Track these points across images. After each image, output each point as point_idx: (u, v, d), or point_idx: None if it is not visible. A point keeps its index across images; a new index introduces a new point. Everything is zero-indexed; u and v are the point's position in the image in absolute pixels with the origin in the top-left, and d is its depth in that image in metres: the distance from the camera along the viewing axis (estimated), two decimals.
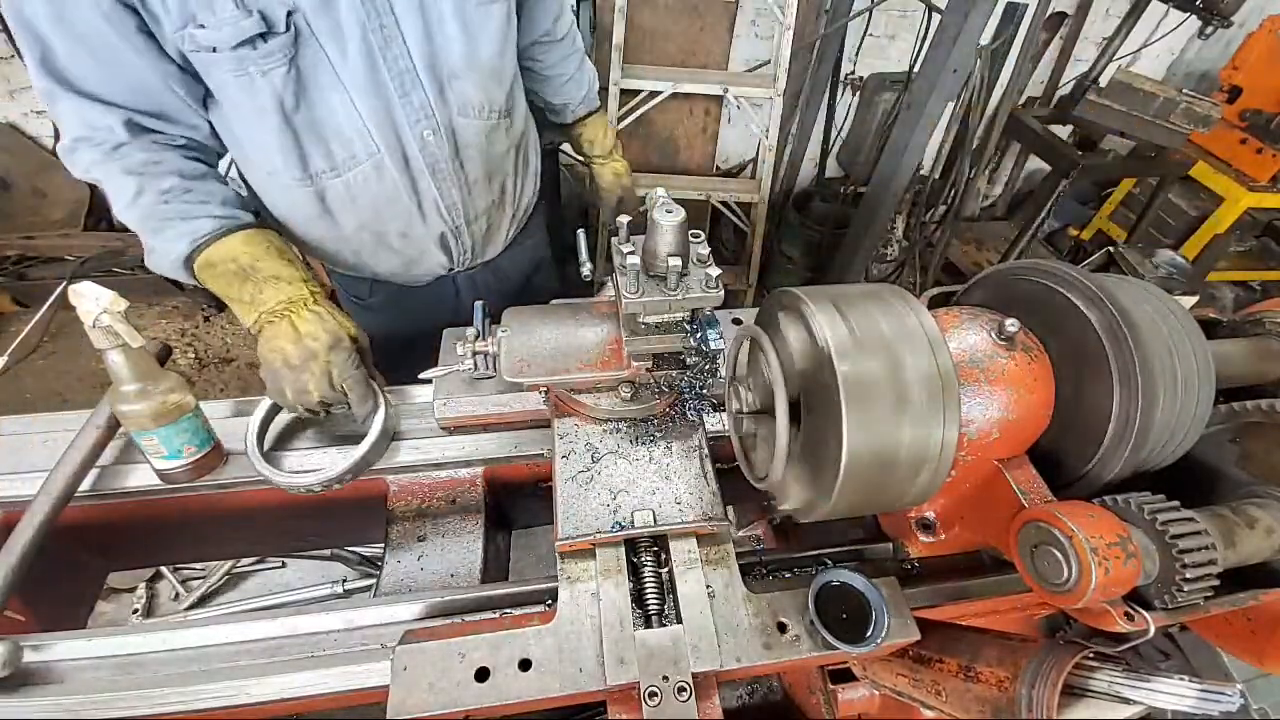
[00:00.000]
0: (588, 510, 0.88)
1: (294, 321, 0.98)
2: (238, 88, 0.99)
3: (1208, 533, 0.65)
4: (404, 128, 1.12)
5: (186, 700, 0.77)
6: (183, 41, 0.93)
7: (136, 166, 0.98)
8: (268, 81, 0.98)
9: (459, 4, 1.06)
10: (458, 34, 1.09)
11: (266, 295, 0.98)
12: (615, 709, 0.75)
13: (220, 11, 0.90)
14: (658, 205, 0.83)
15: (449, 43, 1.09)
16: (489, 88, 1.20)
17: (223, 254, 1.00)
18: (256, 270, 0.99)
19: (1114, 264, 3.21)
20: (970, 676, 0.76)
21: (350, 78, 1.03)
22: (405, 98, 1.09)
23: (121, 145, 0.97)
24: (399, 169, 1.16)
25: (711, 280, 0.86)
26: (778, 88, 3.04)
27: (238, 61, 0.95)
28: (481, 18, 1.11)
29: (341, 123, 1.08)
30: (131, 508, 1.03)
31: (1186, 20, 3.84)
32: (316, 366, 0.97)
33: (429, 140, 1.16)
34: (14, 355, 3.17)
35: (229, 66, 0.96)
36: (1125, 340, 0.70)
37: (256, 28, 0.93)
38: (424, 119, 1.13)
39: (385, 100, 1.08)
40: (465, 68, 1.13)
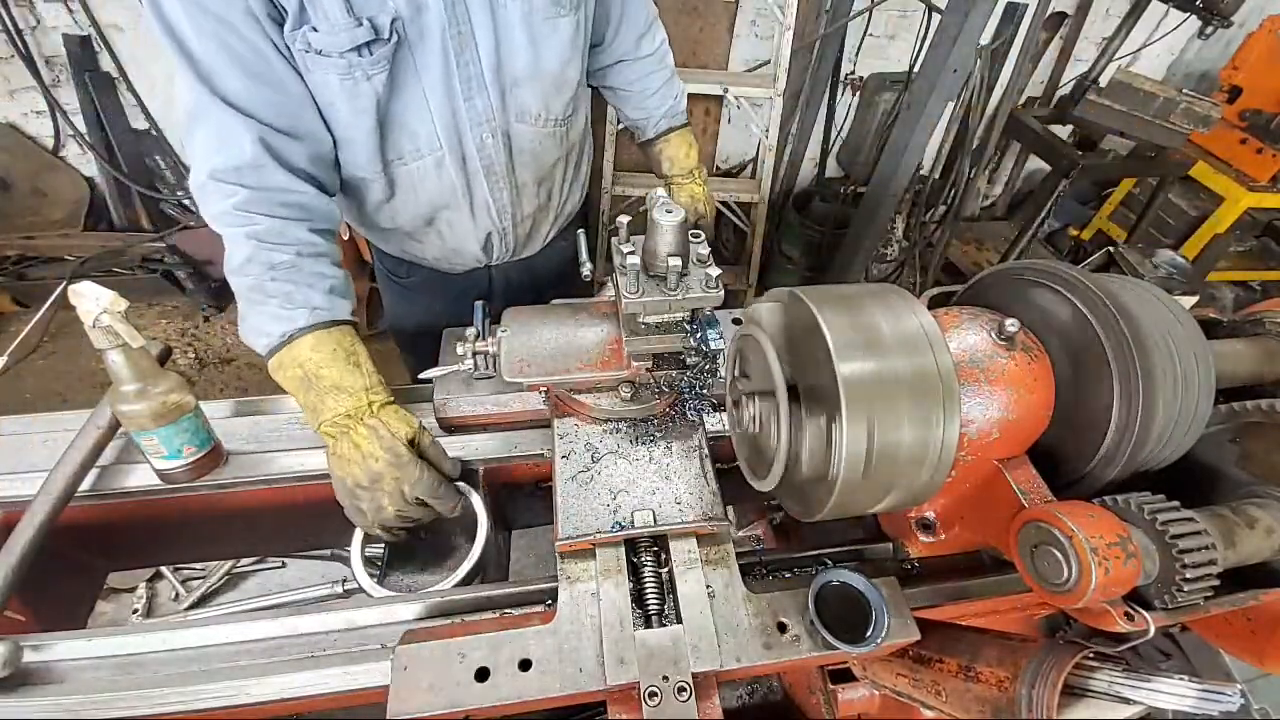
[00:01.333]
0: (588, 510, 0.88)
1: (354, 439, 0.93)
2: (342, 90, 1.02)
3: (1208, 533, 0.65)
4: (465, 130, 1.16)
5: (186, 700, 0.77)
6: (295, 41, 0.96)
7: (259, 234, 0.96)
8: (371, 85, 1.02)
9: (526, 15, 1.09)
10: (524, 43, 1.12)
11: (326, 406, 0.94)
12: (615, 709, 0.75)
13: (333, 18, 0.94)
14: (658, 205, 0.83)
15: (515, 51, 1.12)
16: (549, 97, 1.23)
17: (291, 358, 0.95)
18: (320, 379, 0.94)
19: (1114, 264, 3.21)
20: (970, 676, 0.76)
21: (427, 79, 1.07)
22: (469, 101, 1.12)
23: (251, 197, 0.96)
24: (456, 168, 1.20)
25: (711, 280, 0.86)
26: (778, 88, 3.04)
27: (347, 66, 0.98)
28: (548, 30, 1.14)
29: (414, 119, 1.12)
30: (131, 508, 1.03)
31: (1186, 20, 3.84)
32: (387, 485, 0.93)
33: (487, 143, 1.20)
34: (14, 355, 3.17)
35: (337, 70, 0.99)
36: (1125, 340, 0.70)
37: (367, 35, 0.96)
38: (485, 122, 1.17)
39: (452, 102, 1.11)
40: (528, 76, 1.17)
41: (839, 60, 3.38)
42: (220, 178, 0.95)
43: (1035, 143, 3.67)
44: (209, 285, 3.49)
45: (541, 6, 1.10)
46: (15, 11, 2.81)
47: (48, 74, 3.01)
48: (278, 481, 1.04)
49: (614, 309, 1.03)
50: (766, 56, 3.42)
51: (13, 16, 2.81)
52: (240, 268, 0.97)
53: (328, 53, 0.96)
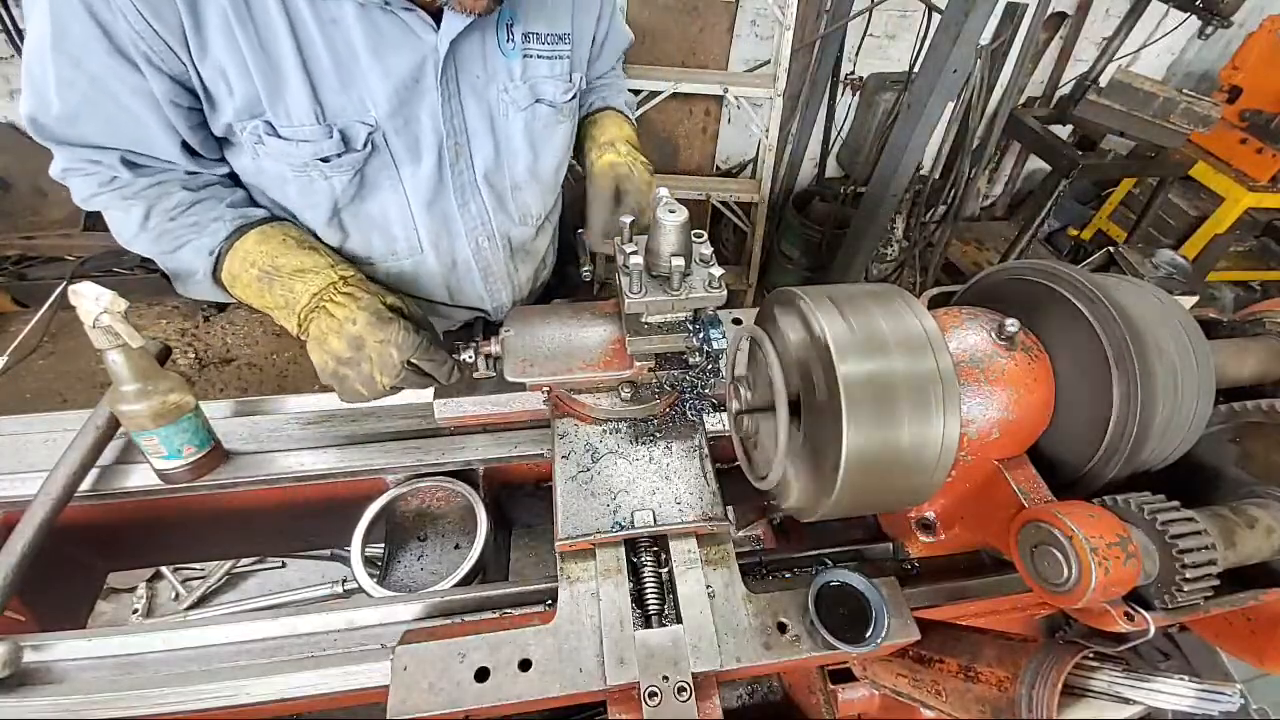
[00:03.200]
0: (588, 510, 0.88)
1: (329, 310, 0.89)
2: (296, 186, 0.97)
3: (1208, 533, 0.65)
4: (459, 235, 1.14)
5: (186, 700, 0.77)
6: (242, 131, 0.90)
7: (138, 191, 0.92)
8: (329, 185, 0.98)
9: (528, 125, 1.09)
10: (524, 149, 1.12)
11: (298, 293, 0.89)
12: (615, 709, 0.75)
13: (297, 121, 0.89)
14: (660, 205, 0.83)
15: (515, 158, 1.12)
16: (545, 197, 1.24)
17: (240, 262, 0.92)
18: (279, 268, 0.91)
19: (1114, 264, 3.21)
20: (970, 676, 0.76)
21: (414, 187, 1.04)
22: (464, 207, 1.11)
23: (116, 179, 0.91)
24: (444, 268, 1.18)
25: (714, 280, 0.86)
26: (778, 88, 3.04)
27: (303, 166, 0.94)
28: (548, 136, 1.14)
29: (391, 222, 1.07)
30: (131, 508, 1.03)
31: (1186, 20, 3.84)
32: (371, 350, 0.87)
33: (484, 246, 1.19)
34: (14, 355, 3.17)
35: (289, 164, 0.94)
36: (1125, 340, 0.70)
37: (335, 148, 0.93)
38: (479, 226, 1.16)
39: (443, 209, 1.10)
40: (528, 180, 1.17)
41: (839, 60, 3.38)
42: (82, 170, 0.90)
43: (1035, 143, 3.68)
44: None
45: (544, 115, 1.10)
46: (15, 12, 2.81)
47: None
48: (278, 481, 1.04)
49: (616, 309, 1.03)
50: (766, 56, 3.42)
51: (13, 16, 2.81)
52: (140, 228, 0.92)
53: (283, 156, 0.92)
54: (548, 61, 1.07)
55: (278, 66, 0.85)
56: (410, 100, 0.95)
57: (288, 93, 0.87)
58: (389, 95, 0.93)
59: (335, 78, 0.89)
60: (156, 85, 0.83)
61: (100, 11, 0.77)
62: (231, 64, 0.83)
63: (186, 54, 0.81)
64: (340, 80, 0.89)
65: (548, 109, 1.10)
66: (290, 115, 0.89)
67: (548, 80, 1.08)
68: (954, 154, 3.50)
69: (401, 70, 0.92)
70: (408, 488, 1.08)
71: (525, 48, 1.03)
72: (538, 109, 1.09)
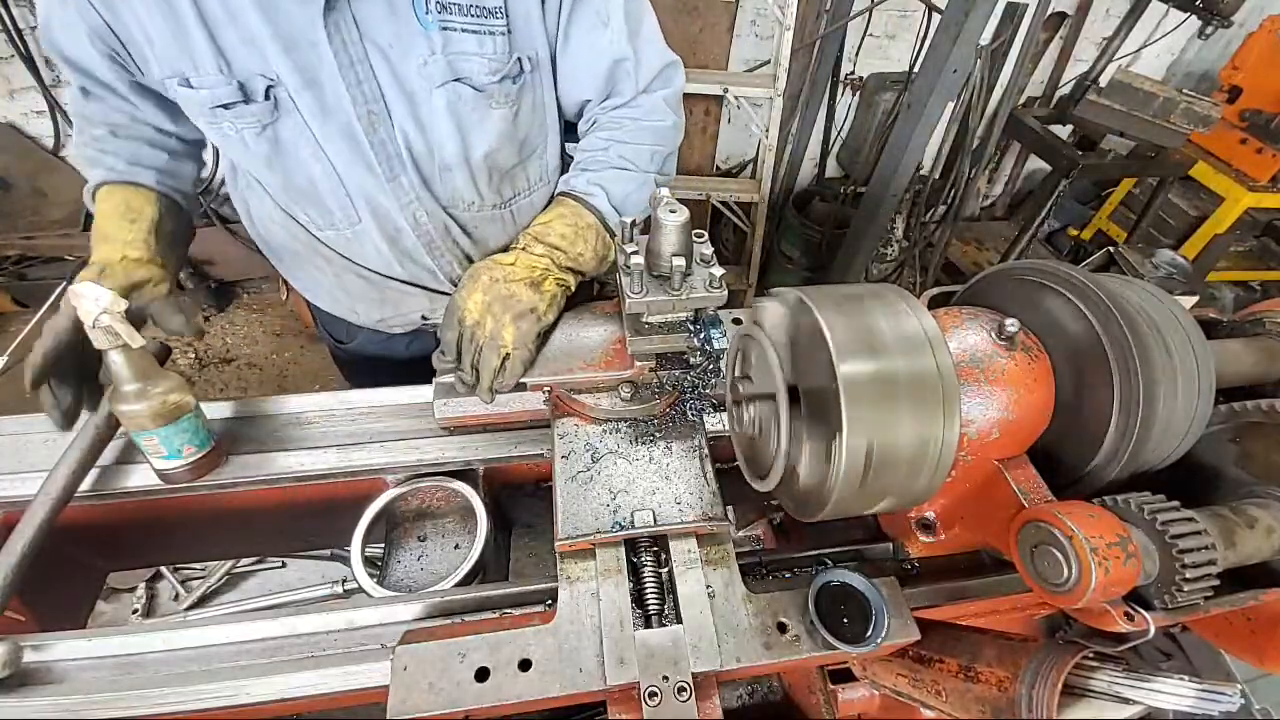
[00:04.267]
0: (588, 510, 0.88)
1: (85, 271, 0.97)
2: (214, 136, 1.04)
3: (1208, 533, 0.65)
4: (393, 208, 1.13)
5: (186, 700, 0.77)
6: (166, 89, 0.99)
7: (84, 109, 1.06)
8: (240, 138, 1.02)
9: (451, 105, 1.05)
10: (450, 131, 1.07)
11: (94, 259, 0.99)
12: (615, 709, 0.75)
13: (204, 73, 0.95)
14: (661, 205, 0.83)
15: (443, 139, 1.08)
16: (481, 183, 1.17)
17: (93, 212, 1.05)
18: (97, 230, 1.02)
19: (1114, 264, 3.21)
20: (970, 676, 0.76)
21: (334, 152, 1.05)
22: (394, 180, 1.09)
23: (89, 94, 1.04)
24: (385, 241, 1.18)
25: (715, 280, 0.86)
26: (778, 88, 3.03)
27: (212, 117, 0.99)
28: (477, 120, 1.08)
29: (322, 191, 1.10)
30: (131, 508, 1.03)
31: (1186, 20, 3.85)
32: None
33: (422, 221, 1.16)
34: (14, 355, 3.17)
35: (202, 119, 1.01)
36: (1125, 340, 0.70)
37: (234, 95, 0.96)
38: (414, 201, 1.13)
39: (373, 179, 1.08)
40: (458, 164, 1.12)
41: (839, 60, 3.38)
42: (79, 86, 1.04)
43: (1035, 143, 3.68)
44: (208, 285, 3.48)
45: (469, 98, 1.05)
46: (15, 11, 2.81)
47: (48, 74, 3.00)
48: (278, 481, 1.04)
49: (617, 309, 1.03)
50: (766, 56, 3.42)
51: (13, 16, 2.81)
52: (74, 141, 1.11)
53: (189, 103, 0.99)
54: (474, 36, 1.00)
55: (181, 20, 0.91)
56: (311, 62, 0.96)
57: (193, 46, 0.93)
58: (281, 53, 0.94)
59: (233, 31, 0.92)
60: None
61: None
62: (145, 15, 0.91)
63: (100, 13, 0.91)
64: (239, 34, 0.93)
65: (471, 91, 1.04)
66: (198, 69, 0.94)
67: (473, 58, 1.01)
68: (954, 154, 3.50)
69: (290, 28, 0.93)
70: (408, 488, 1.08)
71: (443, 19, 0.98)
72: (459, 89, 1.03)
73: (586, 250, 1.10)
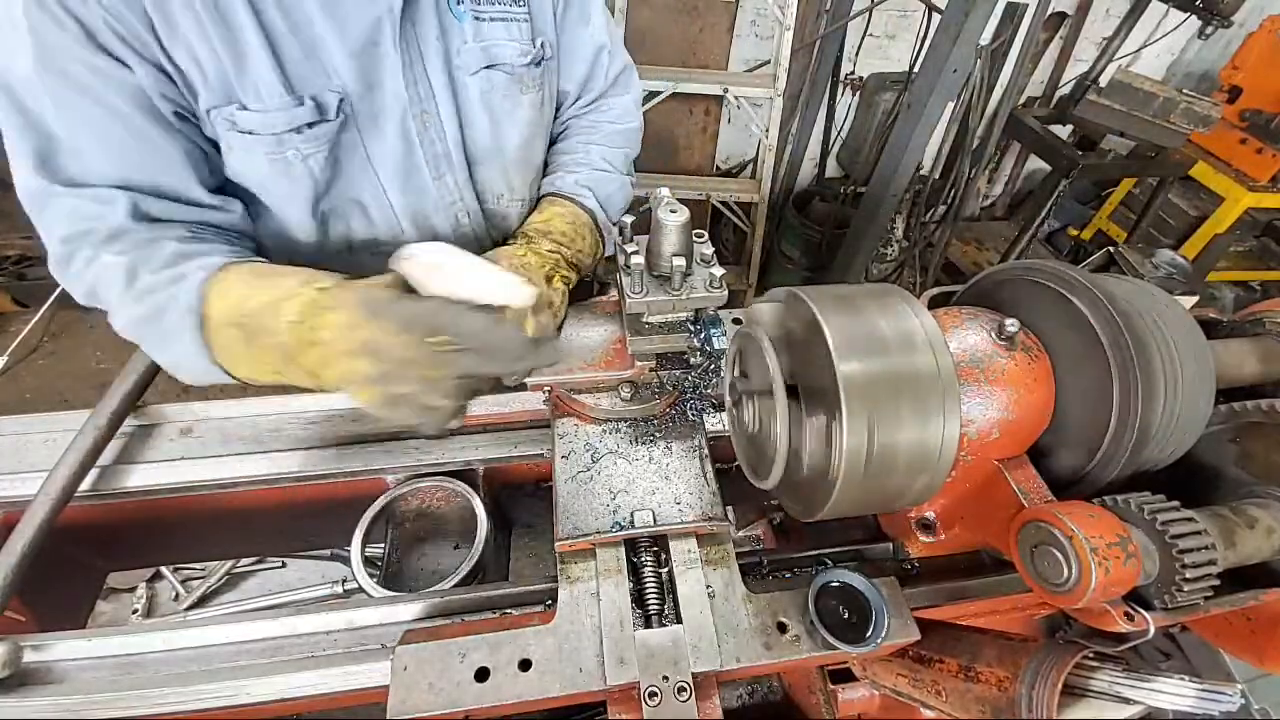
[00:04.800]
0: (588, 510, 0.88)
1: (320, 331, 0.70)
2: (271, 170, 0.90)
3: (1208, 533, 0.65)
4: (437, 210, 1.09)
5: (186, 700, 0.77)
6: (215, 118, 0.84)
7: (129, 247, 0.80)
8: (306, 167, 0.91)
9: (485, 94, 1.04)
10: (485, 122, 1.07)
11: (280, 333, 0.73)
12: (615, 709, 0.75)
13: (268, 98, 0.83)
14: (662, 205, 0.83)
15: (477, 129, 1.07)
16: (511, 176, 1.17)
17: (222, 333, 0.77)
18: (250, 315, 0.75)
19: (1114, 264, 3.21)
20: (970, 676, 0.76)
21: (383, 162, 0.99)
22: (439, 180, 1.06)
23: (116, 236, 0.80)
24: None
25: (715, 280, 0.86)
26: (778, 88, 3.04)
27: (277, 144, 0.87)
28: (509, 108, 1.08)
29: (368, 204, 1.02)
30: (131, 508, 1.03)
31: (1186, 20, 3.85)
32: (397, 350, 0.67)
33: (463, 222, 1.14)
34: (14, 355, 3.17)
35: (266, 149, 0.87)
36: (1125, 340, 0.70)
37: (310, 115, 0.86)
38: (457, 201, 1.11)
39: (419, 183, 1.04)
40: (491, 154, 1.11)
41: (839, 60, 3.38)
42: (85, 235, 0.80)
43: (1035, 143, 3.68)
44: None
45: (501, 84, 1.04)
46: None
47: None
48: (278, 481, 1.04)
49: (617, 309, 1.03)
50: (766, 56, 3.42)
51: None
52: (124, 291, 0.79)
53: (257, 132, 0.85)
54: (502, 24, 1.01)
55: (238, 36, 0.80)
56: (371, 66, 0.91)
57: (252, 65, 0.82)
58: (348, 60, 0.87)
59: (296, 44, 0.84)
60: (144, 76, 0.78)
61: (73, 6, 0.72)
62: (198, 38, 0.78)
63: (153, 36, 0.76)
64: (302, 47, 0.84)
65: (504, 76, 1.04)
66: (259, 91, 0.83)
67: (503, 43, 1.02)
68: (954, 154, 3.50)
69: (358, 31, 0.88)
70: (408, 488, 1.08)
71: (475, 8, 0.98)
72: (493, 76, 1.03)
73: (585, 247, 1.11)
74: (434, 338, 0.67)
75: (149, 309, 0.79)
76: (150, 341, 0.84)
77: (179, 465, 1.03)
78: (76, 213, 0.80)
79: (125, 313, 0.81)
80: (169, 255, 0.80)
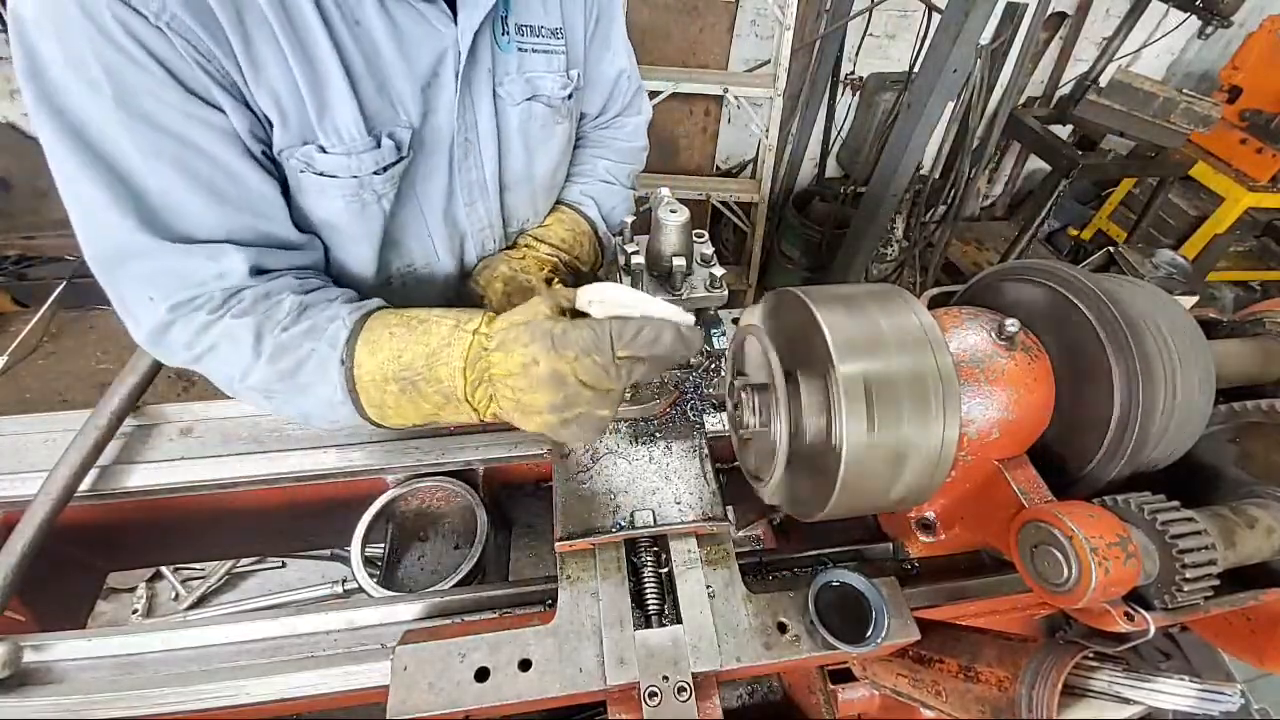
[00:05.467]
0: (588, 510, 0.88)
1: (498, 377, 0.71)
2: (347, 211, 0.87)
3: (1208, 533, 0.65)
4: (467, 236, 1.09)
5: (186, 700, 0.77)
6: (288, 159, 0.80)
7: (248, 308, 0.76)
8: (380, 207, 0.90)
9: (525, 123, 1.05)
10: (520, 149, 1.08)
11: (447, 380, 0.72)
12: (615, 709, 0.75)
13: (349, 140, 0.81)
14: (662, 205, 0.83)
15: (512, 158, 1.08)
16: (538, 201, 1.19)
17: (374, 390, 0.75)
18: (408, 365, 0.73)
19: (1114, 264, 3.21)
20: (970, 676, 0.76)
21: (426, 191, 0.99)
22: (471, 206, 1.06)
23: (232, 295, 0.76)
24: (455, 274, 1.13)
25: (715, 280, 0.86)
26: (778, 88, 3.04)
27: (356, 187, 0.85)
28: (544, 137, 1.10)
29: (408, 231, 1.01)
30: (131, 508, 1.03)
31: (1186, 20, 3.85)
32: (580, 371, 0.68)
33: (489, 248, 1.14)
34: (14, 355, 3.17)
35: (343, 191, 0.84)
36: (1125, 340, 0.70)
37: (390, 156, 0.85)
38: (486, 227, 1.11)
39: (453, 209, 1.05)
40: (519, 181, 1.12)
41: (839, 60, 3.38)
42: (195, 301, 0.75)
43: (1035, 143, 3.68)
44: None
45: (540, 115, 1.06)
46: None
47: None
48: (278, 481, 1.04)
49: None
50: (766, 56, 3.42)
51: None
52: (253, 351, 0.75)
53: (337, 174, 0.82)
54: (544, 56, 1.04)
55: (323, 76, 0.77)
56: (432, 97, 0.91)
57: (334, 103, 0.79)
58: (415, 94, 0.87)
59: (371, 81, 0.82)
60: (237, 119, 0.74)
61: (155, 45, 0.65)
62: (282, 79, 0.74)
63: (239, 74, 0.72)
64: (375, 82, 0.82)
65: (544, 108, 1.07)
66: (339, 130, 0.80)
67: (544, 75, 1.05)
68: (954, 154, 3.50)
69: (423, 66, 0.87)
70: (408, 488, 1.08)
71: (520, 41, 1.00)
72: (533, 107, 1.06)
73: (583, 255, 1.13)
74: (623, 353, 0.69)
75: (287, 366, 0.76)
76: (282, 398, 0.80)
77: (179, 465, 1.03)
78: (185, 272, 0.74)
79: (257, 375, 0.77)
80: (292, 308, 0.77)
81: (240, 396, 0.83)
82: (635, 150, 1.34)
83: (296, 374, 0.76)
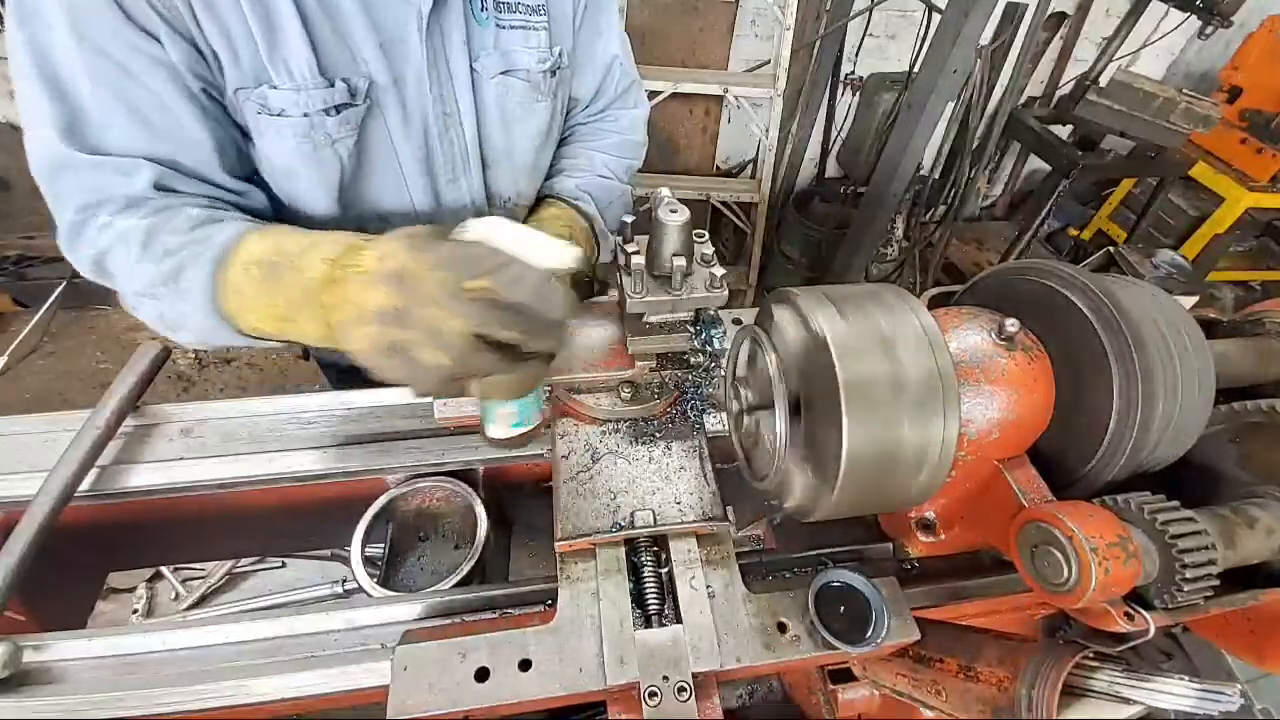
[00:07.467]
0: (588, 510, 0.88)
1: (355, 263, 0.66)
2: (300, 153, 0.90)
3: (1208, 533, 0.65)
4: (451, 212, 1.10)
5: (186, 700, 0.77)
6: (244, 101, 0.84)
7: (149, 212, 0.80)
8: (334, 152, 0.92)
9: (501, 98, 1.06)
10: (498, 124, 1.09)
11: (311, 267, 0.70)
12: (615, 709, 0.75)
13: (299, 76, 0.84)
14: (662, 205, 0.83)
15: (492, 134, 1.09)
16: (519, 181, 1.19)
17: (240, 271, 0.75)
18: (285, 252, 0.73)
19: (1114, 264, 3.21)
20: (970, 676, 0.76)
21: (407, 160, 1.00)
22: (454, 182, 1.08)
23: (135, 202, 0.81)
24: None
25: (715, 280, 0.86)
26: (778, 88, 3.04)
27: (308, 127, 0.87)
28: (522, 114, 1.11)
29: (388, 202, 1.03)
30: (131, 508, 1.03)
31: (1186, 20, 3.84)
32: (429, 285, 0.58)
33: None
34: (14, 355, 3.17)
35: (296, 130, 0.87)
36: (1125, 340, 0.70)
37: (342, 97, 0.88)
38: (470, 204, 1.12)
39: (435, 183, 1.06)
40: (499, 158, 1.13)
41: (839, 60, 3.38)
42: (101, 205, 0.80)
43: (1035, 143, 3.68)
44: None
45: (518, 90, 1.06)
46: None
47: None
48: (278, 481, 1.04)
49: (617, 309, 1.03)
50: (766, 56, 3.43)
51: None
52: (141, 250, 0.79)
53: (288, 113, 0.85)
54: (521, 33, 1.04)
55: (274, 12, 0.81)
56: (398, 59, 0.92)
57: (286, 41, 0.82)
58: (376, 50, 0.89)
59: (328, 28, 0.85)
60: (175, 51, 0.78)
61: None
62: (233, 14, 0.78)
63: (189, 10, 0.76)
64: (334, 31, 0.86)
65: (521, 83, 1.06)
66: (291, 69, 0.84)
67: (521, 51, 1.05)
68: (954, 154, 3.50)
69: (387, 24, 0.89)
70: (408, 488, 1.08)
71: (498, 17, 1.01)
72: (510, 82, 1.05)
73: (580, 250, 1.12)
74: (473, 283, 0.59)
75: (169, 268, 0.78)
76: (166, 302, 0.82)
77: (179, 465, 1.03)
78: (96, 181, 0.80)
79: (142, 274, 0.80)
80: (191, 218, 0.80)
81: (135, 309, 0.87)
82: (632, 144, 1.33)
83: (179, 277, 0.78)
